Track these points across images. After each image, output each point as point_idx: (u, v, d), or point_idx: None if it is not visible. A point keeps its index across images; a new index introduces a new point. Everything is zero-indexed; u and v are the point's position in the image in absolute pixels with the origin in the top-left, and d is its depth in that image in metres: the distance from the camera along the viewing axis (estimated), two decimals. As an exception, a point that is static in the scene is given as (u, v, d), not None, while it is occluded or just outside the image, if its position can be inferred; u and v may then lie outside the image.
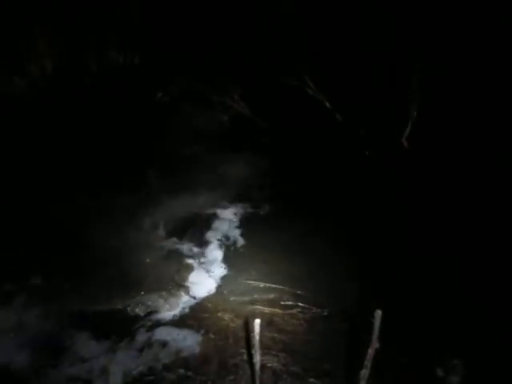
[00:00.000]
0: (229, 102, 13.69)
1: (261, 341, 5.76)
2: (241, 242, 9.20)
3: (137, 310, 7.36)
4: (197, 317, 7.22)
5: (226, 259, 8.70)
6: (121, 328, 6.96)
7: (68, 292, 7.60)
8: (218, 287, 7.95)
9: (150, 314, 7.31)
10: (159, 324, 7.09)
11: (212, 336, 6.83)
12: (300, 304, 7.43)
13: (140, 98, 14.51)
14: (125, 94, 14.44)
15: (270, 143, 12.74)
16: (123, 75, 15.54)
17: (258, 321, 5.62)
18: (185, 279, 8.09)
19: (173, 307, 7.43)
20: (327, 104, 12.95)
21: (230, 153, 11.98)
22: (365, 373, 5.32)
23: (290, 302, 7.48)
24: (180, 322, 7.14)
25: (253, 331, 5.65)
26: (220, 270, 8.38)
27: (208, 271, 8.33)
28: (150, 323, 7.10)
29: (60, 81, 15.28)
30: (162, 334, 6.88)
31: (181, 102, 14.40)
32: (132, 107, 14.03)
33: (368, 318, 5.38)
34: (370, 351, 5.22)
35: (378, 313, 5.00)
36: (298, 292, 7.67)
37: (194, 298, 7.68)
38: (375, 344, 5.16)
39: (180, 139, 12.74)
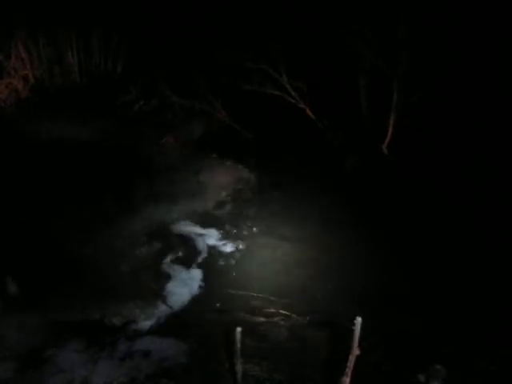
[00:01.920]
0: (210, 111, 13.66)
1: (243, 349, 5.77)
2: (222, 249, 9.16)
3: (114, 320, 7.27)
4: (177, 326, 7.17)
5: (205, 267, 8.67)
6: (99, 338, 6.87)
7: (44, 302, 7.49)
8: (198, 296, 7.93)
9: (127, 323, 7.23)
10: (139, 334, 7.02)
11: (193, 345, 6.78)
12: (282, 312, 7.44)
13: (119, 107, 14.49)
14: (105, 103, 14.42)
15: (252, 151, 12.74)
16: (105, 84, 15.54)
17: (239, 329, 5.62)
18: (163, 288, 8.03)
19: (150, 317, 7.37)
20: (309, 112, 13.02)
21: (212, 160, 11.99)
22: (345, 380, 5.35)
23: (271, 310, 7.49)
24: (160, 331, 7.07)
25: (234, 340, 5.65)
26: (199, 279, 8.36)
27: (187, 280, 8.29)
28: (129, 333, 7.03)
29: (41, 89, 15.24)
30: (143, 343, 6.80)
31: (161, 112, 14.38)
32: (111, 116, 14.00)
33: (349, 325, 5.41)
34: (351, 358, 5.25)
35: (358, 320, 5.03)
36: (280, 300, 7.68)
37: (172, 307, 7.62)
38: (356, 351, 5.19)
39: (160, 148, 12.74)
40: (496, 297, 7.49)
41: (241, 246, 9.15)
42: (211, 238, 9.47)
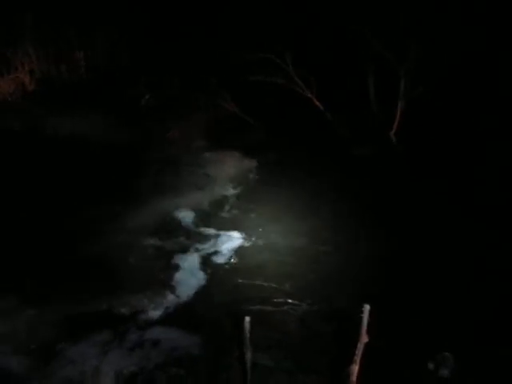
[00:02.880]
0: (218, 103, 13.64)
1: (252, 338, 5.80)
2: (228, 240, 9.20)
3: (123, 310, 7.34)
4: (186, 316, 7.22)
5: (213, 258, 8.72)
6: (109, 329, 6.94)
7: (55, 297, 7.56)
8: (206, 286, 7.97)
9: (136, 313, 7.30)
10: (148, 324, 7.08)
11: (203, 335, 6.82)
12: (290, 301, 7.45)
13: (127, 101, 14.51)
14: (112, 97, 14.43)
15: (260, 142, 12.73)
16: (111, 77, 15.55)
17: (247, 318, 5.67)
18: (171, 278, 8.09)
19: (159, 306, 7.42)
20: (316, 102, 12.99)
21: (219, 152, 11.99)
22: (354, 367, 5.36)
23: (280, 300, 7.50)
24: (169, 321, 7.13)
25: (243, 329, 5.68)
26: (207, 269, 8.40)
27: (194, 270, 8.34)
28: (138, 323, 7.10)
29: (47, 83, 15.30)
30: (152, 333, 6.87)
31: (167, 106, 14.36)
32: (119, 109, 14.02)
33: (357, 313, 5.43)
34: (359, 345, 5.26)
35: (367, 307, 5.05)
36: (288, 289, 7.71)
37: (180, 297, 7.67)
38: (364, 338, 5.21)
39: (167, 140, 12.74)
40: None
41: (246, 238, 9.17)
42: (218, 229, 9.49)
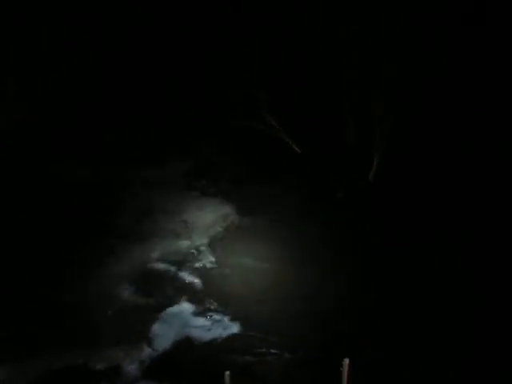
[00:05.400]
0: (197, 147, 13.72)
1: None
2: (205, 290, 9.05)
3: (98, 365, 7.17)
4: (163, 370, 7.07)
5: (189, 306, 8.59)
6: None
7: (28, 349, 7.40)
8: (184, 336, 7.81)
9: (111, 368, 7.14)
10: (124, 380, 6.92)
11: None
12: (272, 351, 7.35)
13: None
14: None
15: (236, 188, 12.66)
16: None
17: (227, 373, 5.56)
18: (147, 331, 7.91)
19: (134, 360, 7.27)
20: (295, 147, 13.16)
21: (196, 199, 11.95)
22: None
23: (262, 350, 7.40)
24: (146, 375, 6.98)
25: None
26: (186, 320, 8.23)
27: (172, 322, 8.16)
28: (113, 379, 6.94)
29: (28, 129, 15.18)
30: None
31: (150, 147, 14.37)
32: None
33: (338, 364, 5.36)
34: (341, 400, 5.18)
35: (346, 361, 4.98)
36: (270, 338, 7.61)
37: (156, 349, 7.51)
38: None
39: (147, 186, 12.63)
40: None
41: (225, 289, 8.98)
42: (193, 278, 9.35)
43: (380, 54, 11.45)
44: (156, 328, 8.01)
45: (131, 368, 7.15)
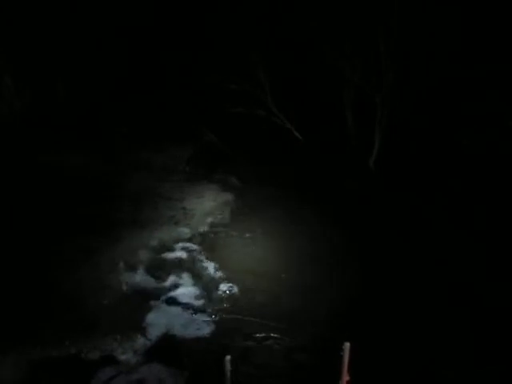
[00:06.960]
0: (199, 134, 13.73)
1: (235, 377, 5.73)
2: (203, 277, 9.01)
3: (91, 355, 7.12)
4: (161, 357, 7.07)
5: (189, 295, 8.53)
6: (77, 375, 6.78)
7: (20, 336, 7.36)
8: (182, 325, 7.76)
9: (105, 358, 7.08)
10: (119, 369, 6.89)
11: (186, 374, 6.72)
12: (273, 335, 7.40)
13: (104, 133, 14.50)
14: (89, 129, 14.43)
15: (236, 176, 12.68)
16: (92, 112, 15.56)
17: (228, 357, 5.60)
18: (142, 320, 7.83)
19: (128, 350, 7.21)
20: (297, 134, 13.15)
21: (196, 185, 11.95)
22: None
23: (263, 334, 7.43)
24: (142, 363, 6.99)
25: (224, 369, 5.62)
26: (183, 307, 8.18)
27: (169, 310, 8.11)
28: (107, 368, 6.89)
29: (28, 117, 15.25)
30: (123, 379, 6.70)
31: (150, 136, 14.35)
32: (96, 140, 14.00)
33: (339, 349, 5.41)
34: (340, 383, 5.24)
35: (347, 345, 5.03)
36: (271, 323, 7.63)
37: (152, 338, 7.44)
38: (345, 376, 5.18)
39: (147, 173, 12.63)
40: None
41: (225, 273, 8.92)
42: (192, 264, 9.31)
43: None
44: (152, 316, 7.92)
45: (126, 357, 7.10)
